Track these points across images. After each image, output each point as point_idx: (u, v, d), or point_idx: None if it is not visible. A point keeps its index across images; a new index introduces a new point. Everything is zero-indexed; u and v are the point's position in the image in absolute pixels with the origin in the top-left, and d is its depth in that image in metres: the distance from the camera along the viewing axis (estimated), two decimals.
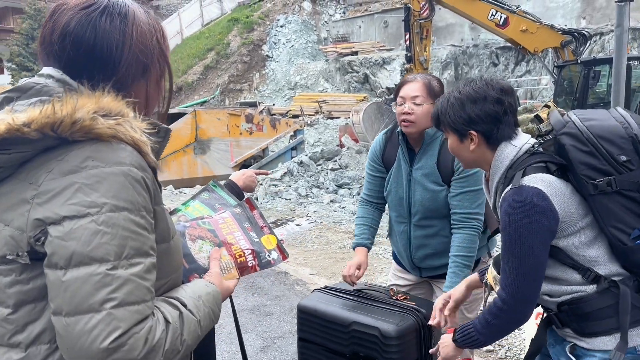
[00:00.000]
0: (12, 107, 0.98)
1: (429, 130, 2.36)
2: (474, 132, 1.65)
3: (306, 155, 12.24)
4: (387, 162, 2.54)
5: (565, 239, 1.55)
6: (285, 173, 11.31)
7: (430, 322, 1.97)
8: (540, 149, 1.62)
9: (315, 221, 7.93)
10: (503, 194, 1.58)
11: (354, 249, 2.60)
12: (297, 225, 7.79)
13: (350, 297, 2.39)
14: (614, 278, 1.53)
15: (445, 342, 1.78)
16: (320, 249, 6.50)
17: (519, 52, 15.28)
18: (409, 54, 13.40)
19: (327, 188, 10.65)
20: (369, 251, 2.60)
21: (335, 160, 12.13)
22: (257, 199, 10.05)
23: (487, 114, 1.62)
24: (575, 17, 18.59)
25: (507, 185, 1.58)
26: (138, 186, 0.97)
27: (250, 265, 1.39)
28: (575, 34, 12.07)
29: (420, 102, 2.32)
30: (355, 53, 21.12)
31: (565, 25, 14.21)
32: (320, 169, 11.70)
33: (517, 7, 12.62)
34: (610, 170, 1.49)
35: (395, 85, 15.27)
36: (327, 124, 17.23)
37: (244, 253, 1.39)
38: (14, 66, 28.22)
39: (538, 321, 2.34)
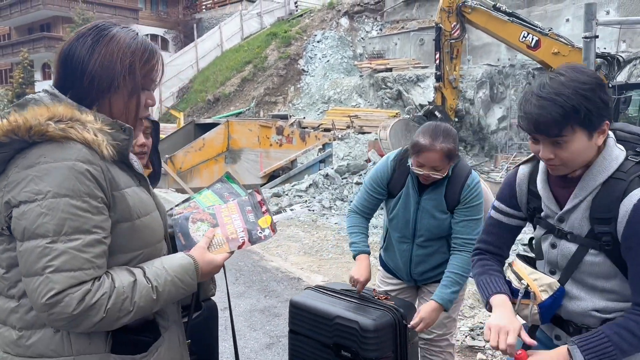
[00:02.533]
0: None
1: None
2: (607, 121, 1.47)
3: (332, 169, 12.48)
4: (392, 188, 2.65)
5: None
6: (310, 185, 11.57)
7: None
8: None
9: (307, 207, 8.15)
10: (634, 197, 1.43)
11: (355, 257, 2.73)
12: (292, 209, 8.01)
13: (338, 295, 2.61)
14: None
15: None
16: (334, 258, 6.71)
17: None
18: (438, 73, 13.58)
19: (351, 201, 10.85)
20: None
21: (361, 175, 12.32)
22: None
23: (607, 99, 1.46)
24: (614, 40, 18.29)
25: (614, 189, 1.47)
26: (81, 177, 1.20)
27: (242, 240, 1.56)
28: (609, 57, 11.99)
29: (440, 169, 2.45)
30: (390, 69, 21.29)
31: (605, 48, 14.10)
32: (345, 182, 11.92)
33: (549, 30, 12.63)
34: None
35: (428, 103, 15.31)
36: (357, 139, 17.42)
37: (237, 231, 1.56)
38: None
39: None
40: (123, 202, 1.29)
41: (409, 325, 2.41)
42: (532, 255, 1.78)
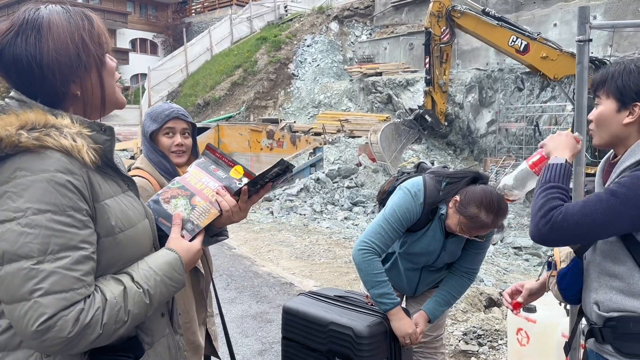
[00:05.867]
0: None
1: None
2: (639, 105, 1.57)
3: (323, 173, 12.46)
4: (414, 226, 2.51)
5: None
6: (301, 189, 11.54)
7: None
8: None
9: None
10: None
11: (389, 310, 2.39)
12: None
13: (331, 301, 2.58)
14: None
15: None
16: (326, 263, 6.69)
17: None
18: (428, 77, 13.65)
19: (342, 205, 10.84)
20: None
21: (352, 179, 12.32)
22: (272, 213, 10.30)
23: None
24: (602, 45, 18.48)
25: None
26: (63, 189, 1.10)
27: None
28: (596, 62, 12.10)
29: (484, 235, 2.46)
30: (380, 74, 21.34)
31: (592, 53, 14.24)
32: (336, 186, 11.91)
33: (537, 34, 12.74)
34: None
35: (418, 107, 15.33)
36: (348, 143, 17.43)
37: (214, 191, 1.48)
38: None
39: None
40: (103, 215, 1.19)
41: (404, 345, 2.40)
42: None
